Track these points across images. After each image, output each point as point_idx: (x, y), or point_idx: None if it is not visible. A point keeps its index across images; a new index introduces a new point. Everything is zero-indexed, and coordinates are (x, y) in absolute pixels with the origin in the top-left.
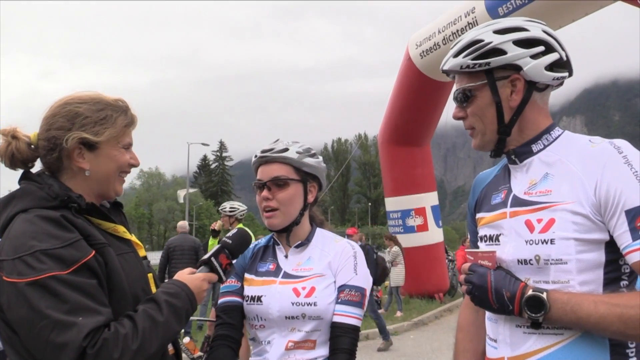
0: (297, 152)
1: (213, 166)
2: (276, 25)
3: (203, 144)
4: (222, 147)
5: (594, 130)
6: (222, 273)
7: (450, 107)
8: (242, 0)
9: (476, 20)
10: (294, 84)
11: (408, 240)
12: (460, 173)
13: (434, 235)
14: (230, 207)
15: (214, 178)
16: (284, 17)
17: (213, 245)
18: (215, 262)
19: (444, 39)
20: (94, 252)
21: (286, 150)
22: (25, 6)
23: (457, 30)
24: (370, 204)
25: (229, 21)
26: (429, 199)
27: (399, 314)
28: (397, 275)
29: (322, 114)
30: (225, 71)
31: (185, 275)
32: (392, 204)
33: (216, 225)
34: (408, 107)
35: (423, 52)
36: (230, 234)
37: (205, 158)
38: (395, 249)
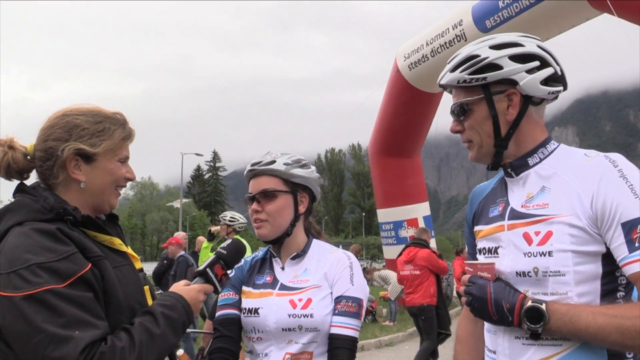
0: (285, 164)
1: (207, 176)
2: (269, 36)
3: (197, 154)
4: (215, 157)
5: (585, 140)
6: (217, 284)
7: (440, 117)
8: (235, 11)
9: (464, 33)
10: (287, 94)
11: None
12: (453, 183)
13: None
14: (231, 217)
15: (208, 188)
16: (276, 28)
17: (207, 247)
18: (210, 273)
19: (432, 51)
20: (90, 265)
21: (273, 162)
22: (16, 16)
23: (445, 43)
24: (364, 214)
25: (222, 31)
26: (421, 210)
27: (388, 322)
28: (394, 287)
29: (315, 124)
30: (218, 81)
31: (181, 287)
32: (385, 215)
33: (213, 228)
34: (397, 118)
35: (411, 64)
36: (224, 244)
37: (198, 168)
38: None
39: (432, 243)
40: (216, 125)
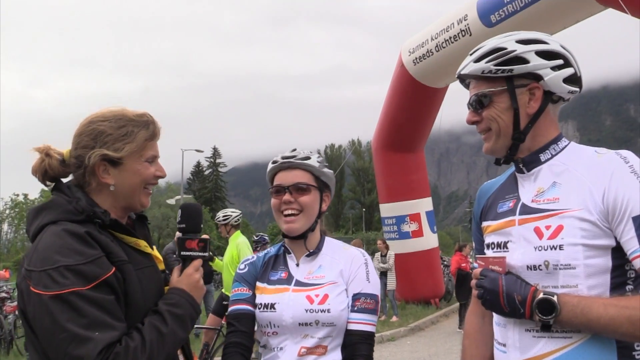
0: (318, 162)
1: (207, 172)
2: (268, 32)
3: (197, 151)
4: (215, 153)
5: (585, 135)
6: (200, 253)
7: (442, 113)
8: (232, 7)
9: (469, 27)
10: (286, 90)
11: (403, 246)
12: (453, 178)
13: (429, 240)
14: (223, 216)
15: (208, 184)
16: (275, 24)
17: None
18: (188, 253)
19: (436, 45)
20: (114, 269)
21: (308, 158)
22: (16, 14)
23: (450, 37)
24: (364, 209)
25: (221, 28)
26: (424, 205)
27: (394, 318)
28: (393, 279)
29: (315, 120)
30: (217, 78)
31: (178, 279)
32: (387, 210)
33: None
34: (401, 113)
35: (416, 58)
36: (179, 218)
37: (198, 164)
38: (392, 252)
39: (434, 238)
40: (215, 121)
